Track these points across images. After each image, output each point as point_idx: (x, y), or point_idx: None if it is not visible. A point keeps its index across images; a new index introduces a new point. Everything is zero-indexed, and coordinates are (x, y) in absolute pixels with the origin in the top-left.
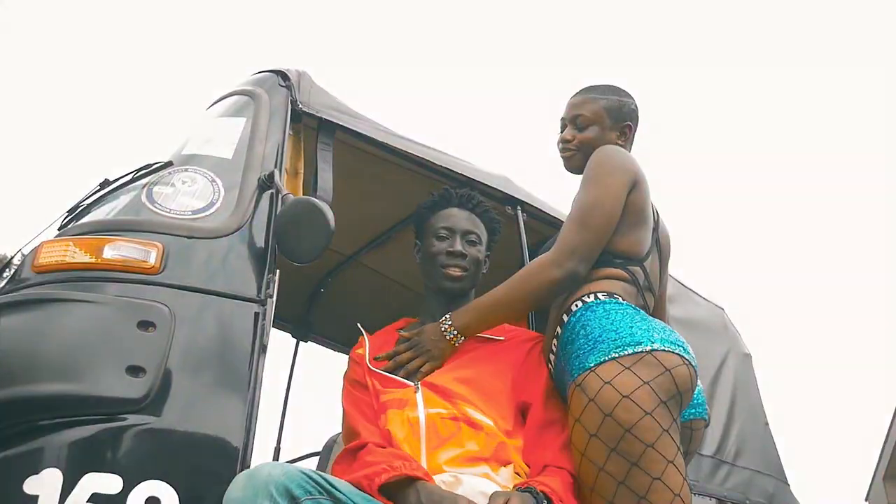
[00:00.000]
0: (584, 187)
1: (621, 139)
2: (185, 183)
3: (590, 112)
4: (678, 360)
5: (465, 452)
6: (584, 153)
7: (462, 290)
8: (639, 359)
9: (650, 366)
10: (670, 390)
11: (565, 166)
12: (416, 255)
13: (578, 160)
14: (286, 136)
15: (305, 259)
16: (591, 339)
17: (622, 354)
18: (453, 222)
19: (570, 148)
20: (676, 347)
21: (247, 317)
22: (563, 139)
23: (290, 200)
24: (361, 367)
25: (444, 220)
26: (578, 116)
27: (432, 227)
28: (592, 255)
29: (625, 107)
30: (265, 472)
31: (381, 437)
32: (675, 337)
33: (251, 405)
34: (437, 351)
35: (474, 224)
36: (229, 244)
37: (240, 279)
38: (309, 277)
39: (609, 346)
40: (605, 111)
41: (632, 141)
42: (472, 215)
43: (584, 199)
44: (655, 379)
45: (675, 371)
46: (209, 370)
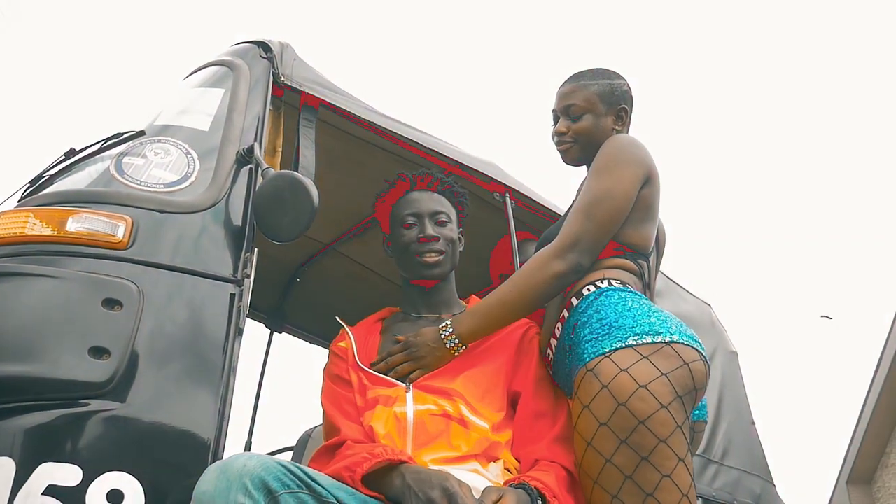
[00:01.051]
0: (596, 177)
1: (618, 124)
2: (158, 154)
3: (582, 100)
4: (696, 354)
5: (453, 452)
6: (581, 144)
7: (442, 274)
8: (657, 349)
9: (668, 358)
10: (687, 385)
11: (563, 160)
12: (386, 250)
13: (576, 152)
14: (266, 109)
15: (286, 237)
16: (606, 323)
17: (640, 343)
18: (417, 206)
19: (566, 140)
20: (694, 342)
21: (222, 298)
22: (558, 132)
23: (272, 174)
24: (344, 361)
25: (407, 207)
26: (571, 106)
27: (397, 217)
28: (596, 247)
29: (617, 89)
30: (240, 464)
31: (362, 435)
32: (691, 332)
33: (224, 393)
34: (432, 359)
35: (440, 203)
36: (204, 220)
37: (215, 257)
38: (285, 266)
39: (626, 332)
40: (597, 97)
41: (629, 125)
42: (434, 195)
43: (594, 189)
44: (673, 372)
45: (692, 366)
46: (180, 354)
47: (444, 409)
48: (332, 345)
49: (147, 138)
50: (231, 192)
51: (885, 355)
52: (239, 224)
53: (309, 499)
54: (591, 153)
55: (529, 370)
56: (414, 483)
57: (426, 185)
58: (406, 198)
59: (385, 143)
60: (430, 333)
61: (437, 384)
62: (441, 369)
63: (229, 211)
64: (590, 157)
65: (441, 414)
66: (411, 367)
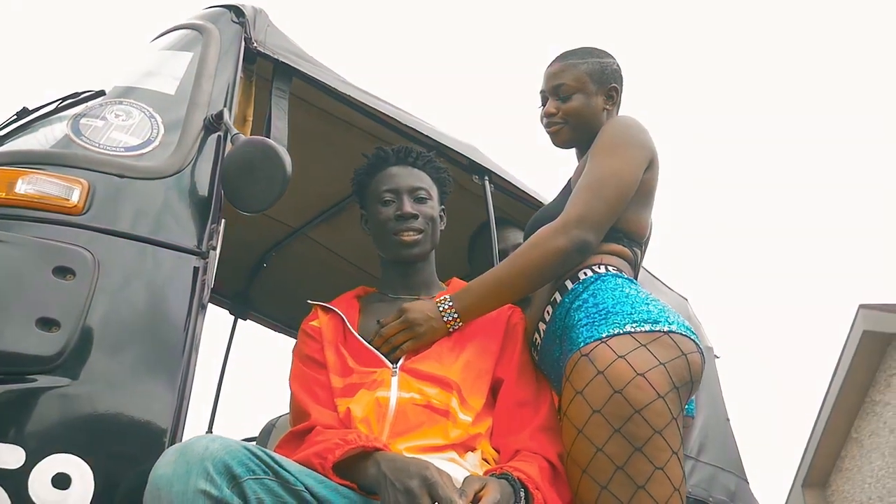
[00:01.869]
0: (601, 156)
1: (609, 104)
2: (119, 117)
3: (571, 79)
4: (693, 346)
5: (430, 444)
6: (572, 125)
7: (421, 254)
8: (655, 338)
9: (667, 347)
10: (684, 377)
11: (553, 142)
12: (364, 227)
13: (567, 133)
14: (237, 76)
15: (255, 207)
16: (603, 309)
17: (638, 330)
18: (396, 182)
19: (556, 121)
20: (691, 333)
21: (184, 270)
22: (547, 113)
23: (242, 140)
24: (317, 341)
25: (385, 182)
26: (560, 86)
27: (375, 193)
28: (603, 226)
29: (607, 68)
30: (201, 446)
31: (334, 421)
32: (688, 323)
33: (185, 372)
34: (426, 329)
35: (419, 179)
36: (167, 187)
37: (178, 227)
38: (251, 250)
39: (624, 318)
40: (587, 76)
41: (619, 105)
42: (414, 170)
43: (600, 169)
44: (671, 362)
45: (690, 357)
46: (137, 328)
47: (428, 401)
48: (304, 324)
49: (107, 99)
50: (197, 159)
51: (843, 360)
52: (205, 193)
53: (276, 486)
54: (582, 134)
55: (513, 357)
56: (390, 472)
57: (406, 160)
58: (384, 173)
59: (360, 120)
60: (428, 304)
61: (429, 370)
62: (434, 353)
63: (195, 178)
64: (580, 139)
65: (424, 405)
66: (405, 337)
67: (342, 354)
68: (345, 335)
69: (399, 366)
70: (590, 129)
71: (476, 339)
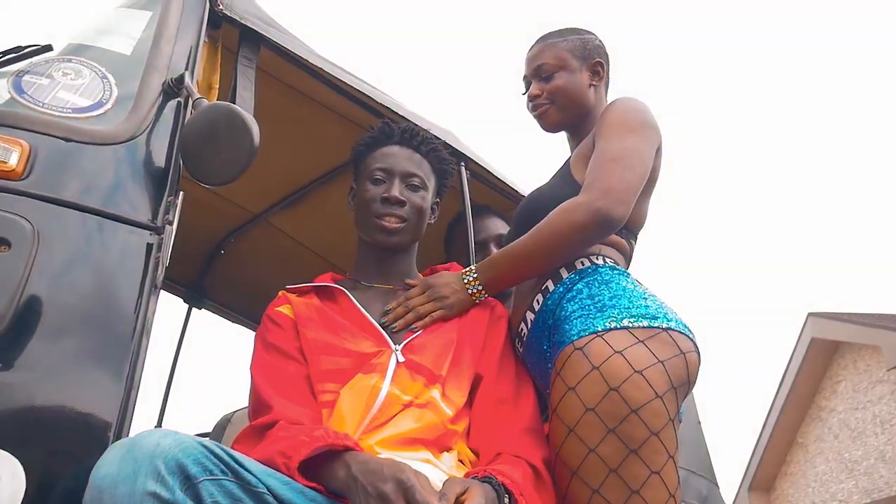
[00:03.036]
0: (619, 133)
1: (595, 79)
2: (68, 75)
3: (552, 58)
4: (691, 345)
5: (403, 434)
6: (558, 104)
7: (399, 244)
8: (654, 334)
9: (665, 345)
10: (682, 377)
11: (542, 126)
12: (350, 201)
13: (554, 114)
14: (201, 39)
15: (217, 179)
16: (599, 301)
17: (636, 325)
18: (391, 162)
19: (541, 103)
20: (689, 332)
21: (137, 246)
22: (531, 96)
23: (205, 105)
24: (283, 329)
25: (380, 160)
26: (541, 66)
27: (367, 169)
28: (629, 201)
29: (588, 43)
30: (151, 442)
31: (300, 416)
32: (683, 320)
33: (134, 360)
34: (454, 300)
35: (417, 165)
36: (120, 154)
37: (131, 198)
38: (208, 236)
39: (621, 312)
40: (568, 52)
41: (607, 83)
42: (415, 154)
43: (621, 143)
44: (669, 360)
45: (688, 356)
46: (81, 309)
47: (416, 394)
48: (269, 309)
49: (55, 56)
50: (154, 125)
51: (791, 366)
52: (162, 162)
53: (235, 488)
54: (571, 114)
55: (495, 351)
56: (362, 475)
57: (409, 142)
58: (383, 150)
59: (332, 99)
60: (451, 277)
61: (424, 361)
62: (431, 342)
63: (151, 146)
64: (569, 119)
65: (406, 404)
66: (433, 307)
67: (333, 333)
68: (335, 314)
69: (401, 348)
70: (578, 108)
71: (462, 330)
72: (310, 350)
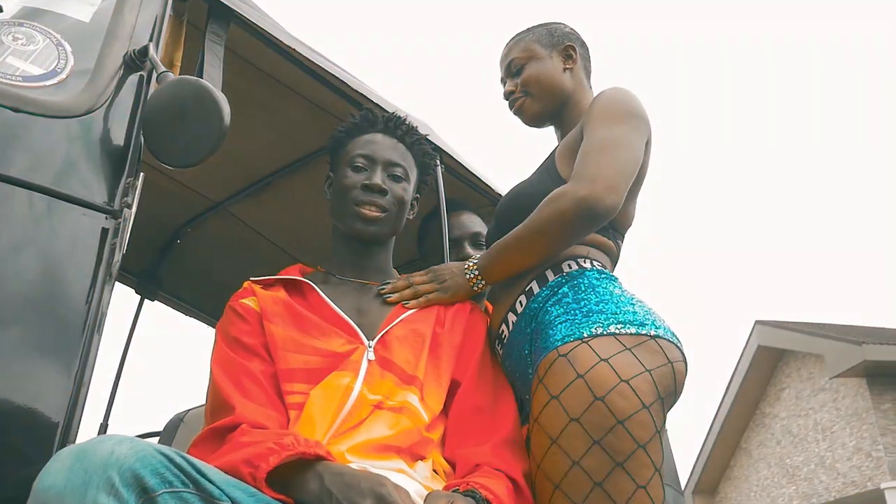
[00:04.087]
0: (606, 123)
1: (568, 63)
2: (18, 41)
3: (519, 52)
4: (679, 354)
5: (376, 440)
6: (533, 95)
7: (377, 235)
8: (641, 342)
9: (653, 353)
10: (669, 386)
11: (524, 121)
12: (327, 190)
13: (531, 105)
14: (167, 10)
15: (182, 161)
16: (584, 306)
17: (623, 332)
18: (374, 150)
19: (516, 97)
20: (677, 340)
21: (90, 230)
22: (507, 92)
23: (171, 80)
24: (248, 323)
25: (363, 147)
26: (511, 63)
27: (348, 155)
28: (621, 191)
29: (556, 31)
30: (105, 450)
31: (264, 418)
32: (671, 328)
33: (85, 356)
34: (451, 283)
35: (401, 156)
36: (75, 128)
37: (86, 178)
38: (164, 224)
39: (608, 318)
40: (534, 43)
41: (586, 69)
42: (399, 144)
43: (610, 133)
44: (658, 369)
45: (676, 366)
46: (27, 298)
47: (378, 401)
48: (233, 300)
49: (6, 19)
50: (114, 99)
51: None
52: (122, 140)
53: (196, 501)
54: (549, 103)
55: (473, 357)
56: (337, 488)
57: (394, 132)
58: (365, 137)
59: (303, 84)
60: (454, 264)
61: (399, 361)
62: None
63: (109, 122)
64: (549, 109)
65: (376, 405)
66: (432, 288)
67: (301, 329)
68: (304, 309)
69: (374, 343)
70: (554, 95)
71: (438, 330)
72: (275, 347)
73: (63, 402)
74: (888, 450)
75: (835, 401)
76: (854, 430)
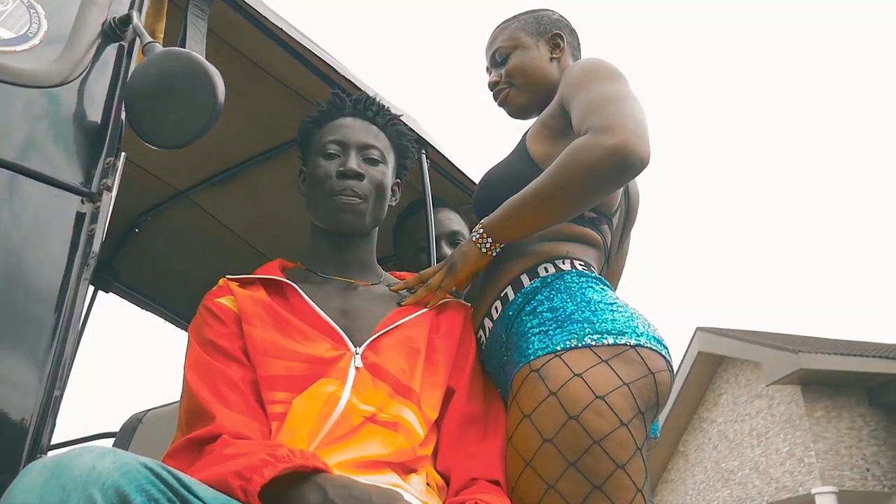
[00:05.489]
0: (602, 81)
1: (556, 52)
2: None
3: (504, 40)
4: (663, 363)
5: (369, 457)
6: (518, 86)
7: (358, 226)
8: (619, 352)
9: (632, 364)
10: (649, 399)
11: (509, 112)
12: (300, 185)
13: (515, 96)
14: None
15: (170, 141)
16: (560, 314)
17: (599, 343)
18: (345, 134)
19: (500, 88)
20: (661, 347)
21: (64, 215)
22: (492, 83)
23: (159, 51)
24: (225, 324)
25: (333, 133)
26: (496, 52)
27: (318, 144)
28: (649, 137)
29: (543, 18)
30: (85, 465)
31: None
32: (658, 332)
33: (58, 357)
34: (457, 257)
35: (375, 137)
36: (47, 101)
37: (59, 156)
38: (121, 211)
39: (584, 328)
40: (520, 31)
41: (574, 59)
42: (371, 127)
43: (611, 87)
44: (636, 382)
45: (658, 376)
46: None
47: (371, 413)
48: (208, 299)
49: None
50: (92, 69)
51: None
52: (101, 115)
53: None
54: (534, 93)
55: (466, 363)
56: (344, 502)
57: (363, 114)
58: (335, 123)
59: (285, 70)
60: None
61: (391, 369)
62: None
63: (88, 94)
64: (534, 100)
65: (368, 417)
66: (441, 277)
67: (283, 333)
68: (285, 311)
69: (363, 349)
70: (540, 85)
71: (433, 334)
72: (256, 351)
73: (33, 409)
74: (820, 456)
75: (770, 407)
76: (788, 437)
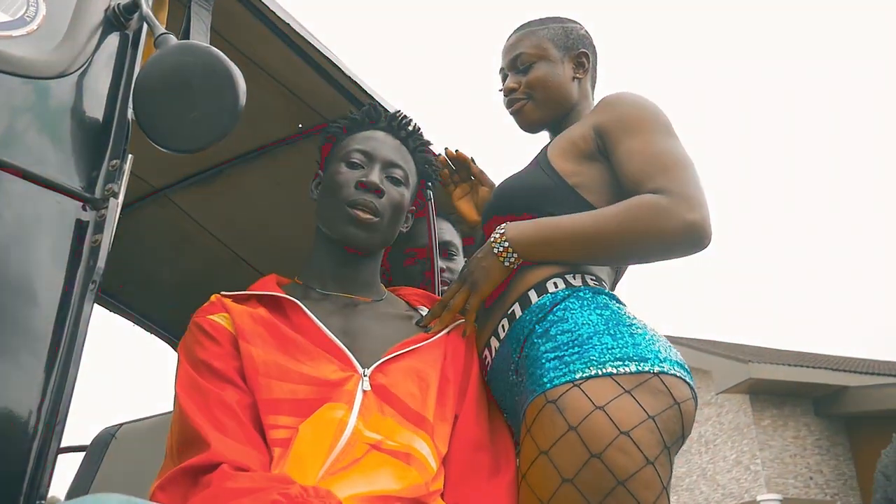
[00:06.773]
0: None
1: (579, 72)
2: None
3: (530, 47)
4: (688, 391)
5: (379, 492)
6: (537, 100)
7: (368, 244)
8: (642, 381)
9: (656, 395)
10: (675, 432)
11: (519, 124)
12: (313, 190)
13: (532, 110)
14: None
15: (184, 144)
16: (578, 338)
17: (621, 372)
18: (374, 147)
19: (518, 97)
20: (685, 373)
21: (64, 223)
22: (508, 89)
23: (174, 44)
24: (219, 344)
25: (361, 143)
26: (518, 57)
27: (343, 151)
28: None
29: (572, 32)
30: None
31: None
32: (679, 356)
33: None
34: (478, 273)
35: (403, 158)
36: (48, 93)
37: (59, 156)
38: None
39: (604, 354)
40: (549, 41)
41: (593, 79)
42: (402, 147)
43: (675, 148)
44: (662, 414)
45: (683, 406)
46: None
47: (377, 441)
48: (200, 316)
49: None
50: (94, 60)
51: None
52: (104, 112)
53: None
54: (551, 111)
55: (471, 387)
56: None
57: (397, 132)
58: (365, 133)
59: (283, 68)
60: (481, 248)
61: (399, 392)
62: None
63: (90, 87)
64: (549, 116)
65: (373, 445)
66: (463, 297)
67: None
68: (290, 331)
69: (371, 370)
70: (559, 104)
71: (447, 365)
72: (255, 373)
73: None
74: (765, 464)
75: (719, 415)
76: (735, 444)
